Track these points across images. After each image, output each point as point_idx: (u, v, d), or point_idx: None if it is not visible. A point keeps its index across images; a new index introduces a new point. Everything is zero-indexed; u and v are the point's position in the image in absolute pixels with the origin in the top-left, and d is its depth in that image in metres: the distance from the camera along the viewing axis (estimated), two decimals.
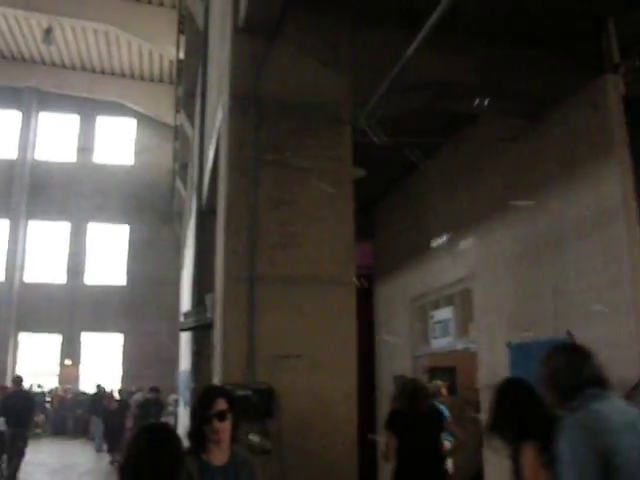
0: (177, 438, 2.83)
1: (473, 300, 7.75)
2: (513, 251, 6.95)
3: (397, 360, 9.77)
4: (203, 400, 3.62)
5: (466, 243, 7.93)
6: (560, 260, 6.18)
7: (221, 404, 3.52)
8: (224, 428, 3.50)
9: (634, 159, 5.57)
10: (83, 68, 24.35)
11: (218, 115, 6.38)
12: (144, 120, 25.67)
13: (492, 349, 7.25)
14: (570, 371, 2.91)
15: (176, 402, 16.93)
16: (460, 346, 8.27)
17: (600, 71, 5.87)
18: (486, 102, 6.48)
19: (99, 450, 16.89)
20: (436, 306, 8.86)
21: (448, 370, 10.89)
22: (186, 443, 3.52)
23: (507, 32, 6.00)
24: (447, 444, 7.96)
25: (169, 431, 2.90)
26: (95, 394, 19.76)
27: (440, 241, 8.61)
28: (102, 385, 20.45)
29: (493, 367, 7.23)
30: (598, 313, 5.64)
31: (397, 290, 10.13)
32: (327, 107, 5.31)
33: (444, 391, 9.17)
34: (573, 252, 6.01)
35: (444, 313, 8.51)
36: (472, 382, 8.35)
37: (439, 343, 8.66)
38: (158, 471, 2.66)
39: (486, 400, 7.40)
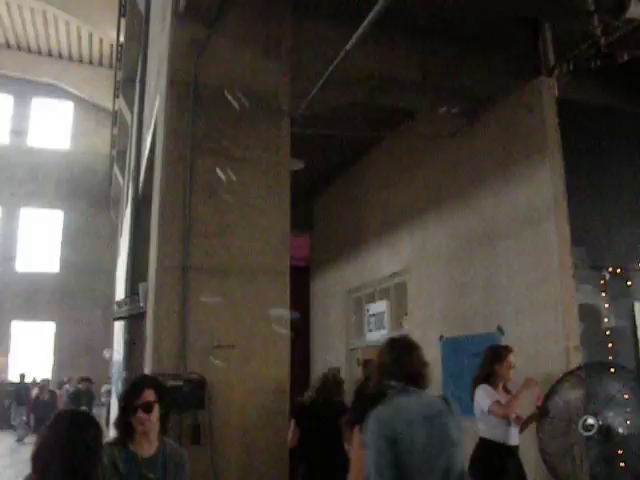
0: (96, 425, 2.78)
1: (407, 294, 7.85)
2: (447, 247, 7.07)
3: (332, 352, 9.83)
4: (130, 390, 3.56)
5: (402, 238, 8.02)
6: (492, 256, 6.31)
7: (148, 395, 3.47)
8: (150, 419, 3.45)
9: (566, 160, 5.71)
10: (18, 47, 23.56)
11: (156, 101, 6.28)
12: (82, 104, 25.04)
13: (425, 343, 7.33)
14: (393, 365, 3.19)
15: (109, 393, 16.67)
16: None
17: (536, 73, 5.99)
18: (425, 99, 6.58)
19: (20, 440, 16.30)
20: (371, 299, 8.94)
21: None
22: (114, 433, 3.48)
23: (448, 32, 6.07)
24: None
25: (88, 418, 2.84)
26: (19, 384, 19.17)
27: (377, 234, 8.69)
28: (26, 375, 19.79)
29: None
30: (527, 309, 5.79)
31: (333, 282, 10.18)
32: (266, 97, 5.27)
33: None
34: (505, 249, 6.15)
35: (379, 306, 8.59)
36: None
37: (374, 336, 8.74)
38: (73, 458, 2.60)
39: None
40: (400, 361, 3.23)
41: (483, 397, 4.91)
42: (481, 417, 4.95)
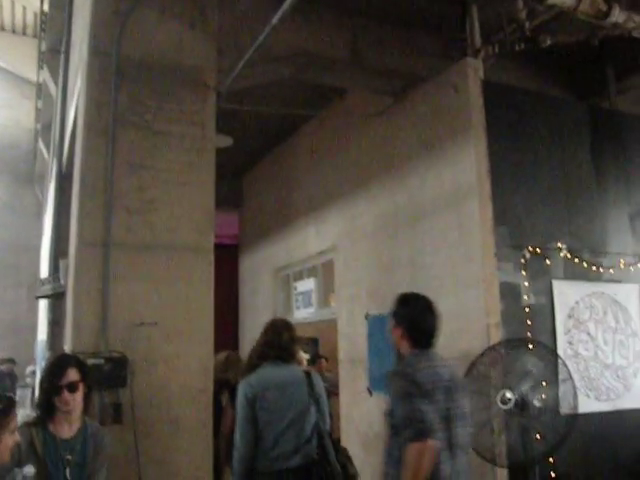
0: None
1: (335, 272, 7.89)
2: (374, 225, 7.12)
3: (260, 331, 9.80)
4: (53, 370, 3.50)
5: (330, 216, 8.05)
6: (418, 235, 6.40)
7: (72, 374, 3.42)
8: (75, 399, 3.40)
9: (489, 141, 5.82)
10: None
11: (79, 73, 6.09)
12: (4, 75, 24.08)
13: (351, 320, 7.43)
14: (270, 343, 4.35)
15: (33, 373, 16.26)
16: (322, 317, 8.42)
17: (462, 54, 6.06)
18: (354, 77, 6.59)
19: None
20: (299, 277, 8.96)
21: (312, 341, 11.09)
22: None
23: (378, 10, 6.09)
24: None
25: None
26: None
27: (305, 212, 8.70)
28: None
29: (352, 338, 7.42)
30: (451, 286, 5.90)
31: (262, 260, 10.15)
32: (191, 71, 5.18)
33: (304, 362, 9.30)
34: (430, 227, 6.24)
35: (307, 284, 8.62)
36: (334, 353, 8.52)
37: (301, 314, 8.77)
38: None
39: (344, 371, 7.62)
40: (271, 344, 4.34)
41: None
42: None
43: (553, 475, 5.48)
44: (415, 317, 3.50)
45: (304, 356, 9.17)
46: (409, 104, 6.65)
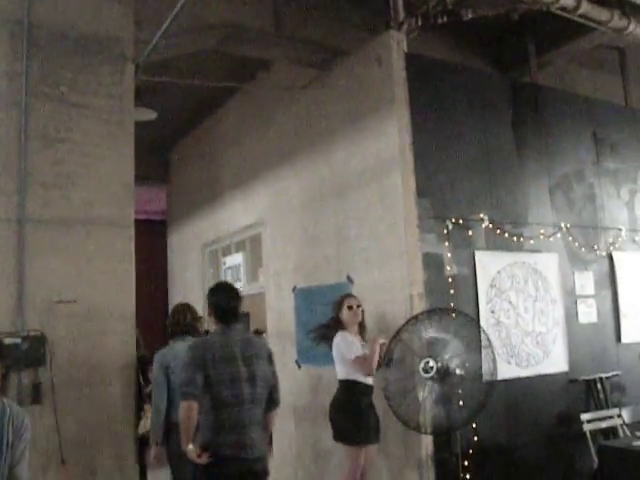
0: None
1: (262, 246, 7.87)
2: (300, 198, 7.12)
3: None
4: None
5: (257, 190, 8.00)
6: (343, 208, 6.43)
7: None
8: None
9: (412, 114, 5.85)
10: None
11: None
12: None
13: (279, 294, 7.43)
14: (176, 320, 5.30)
15: None
16: (250, 291, 8.39)
17: (386, 27, 6.06)
18: (278, 49, 6.52)
19: None
20: (228, 252, 8.90)
21: (242, 315, 11.06)
22: None
23: None
24: None
25: None
26: None
27: (232, 187, 8.63)
28: None
29: (280, 312, 7.43)
30: (375, 258, 5.96)
31: (190, 236, 10.04)
32: (108, 42, 5.03)
33: None
34: (355, 201, 6.27)
35: (235, 259, 8.58)
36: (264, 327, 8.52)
37: None
38: None
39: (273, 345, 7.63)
40: (177, 323, 5.33)
41: (345, 346, 5.24)
42: (341, 361, 5.21)
43: (476, 439, 5.64)
44: (217, 300, 4.19)
45: None
46: (333, 77, 6.63)
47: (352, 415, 5.21)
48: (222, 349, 4.01)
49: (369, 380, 5.30)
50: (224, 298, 4.21)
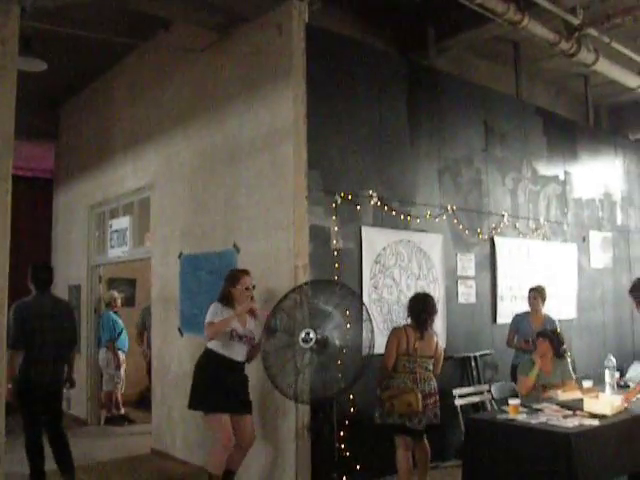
0: None
1: (151, 211, 7.69)
2: (191, 164, 6.99)
3: (74, 269, 9.43)
4: None
5: (148, 153, 7.79)
6: (233, 176, 6.36)
7: None
8: None
9: (308, 85, 5.83)
10: None
11: None
12: None
13: (165, 260, 7.30)
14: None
15: None
16: (136, 256, 8.21)
17: None
18: (178, 8, 6.34)
19: None
20: (115, 215, 8.65)
21: (128, 281, 10.84)
22: None
23: None
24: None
25: None
26: None
27: (124, 148, 8.37)
28: None
29: (165, 278, 7.31)
30: (262, 228, 5.94)
31: (77, 197, 9.67)
32: None
33: (118, 302, 9.09)
34: (245, 169, 6.22)
35: (122, 222, 8.34)
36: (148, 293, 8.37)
37: (115, 252, 8.50)
38: None
39: (157, 311, 7.51)
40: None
41: (210, 313, 5.22)
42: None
43: (352, 410, 5.76)
44: (32, 271, 5.81)
45: (116, 295, 8.98)
46: (232, 42, 6.52)
47: (206, 382, 5.23)
48: (35, 309, 5.70)
49: (236, 355, 5.28)
50: (38, 270, 5.88)
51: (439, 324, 6.61)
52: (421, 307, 5.60)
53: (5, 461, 4.71)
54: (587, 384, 5.66)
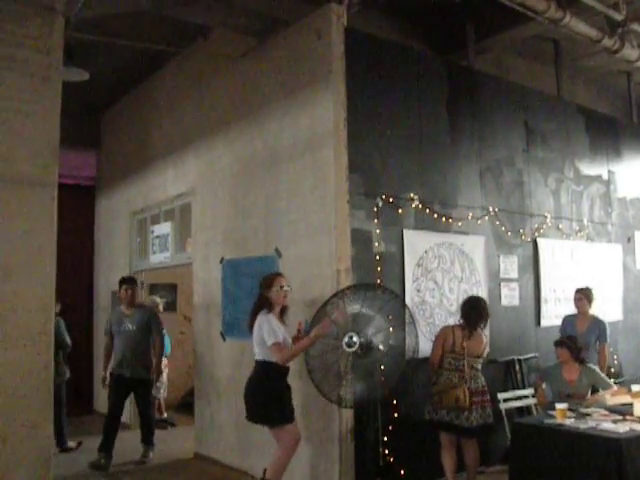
0: None
1: (192, 216, 7.75)
2: (232, 169, 7.02)
3: (116, 275, 9.52)
4: None
5: (188, 159, 7.86)
6: (274, 180, 6.37)
7: None
8: None
9: (348, 89, 5.82)
10: None
11: None
12: None
13: (206, 265, 7.35)
14: None
15: None
16: (178, 262, 8.28)
17: (327, 0, 5.99)
18: (217, 16, 6.38)
19: None
20: (156, 221, 8.73)
21: (169, 287, 10.93)
22: None
23: None
24: None
25: None
26: None
27: (164, 154, 8.46)
28: None
29: (207, 283, 7.35)
30: (304, 232, 5.94)
31: (119, 203, 9.81)
32: None
33: (160, 307, 9.17)
34: (286, 173, 6.22)
35: (163, 228, 8.42)
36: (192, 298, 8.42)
37: (158, 258, 8.58)
38: None
39: (199, 316, 7.57)
40: None
41: (268, 332, 5.04)
42: (260, 343, 5.09)
43: (396, 415, 5.72)
44: None
45: (158, 301, 9.06)
46: (272, 48, 6.54)
47: (272, 399, 5.08)
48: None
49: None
50: None
51: None
52: (470, 307, 5.69)
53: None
54: (636, 388, 5.53)
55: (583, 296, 6.92)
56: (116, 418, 7.12)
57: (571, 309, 7.03)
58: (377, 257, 5.91)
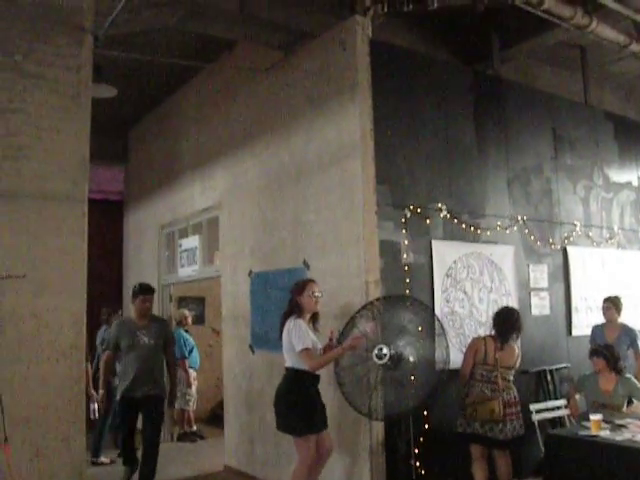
0: None
1: (219, 229, 7.79)
2: (259, 182, 7.05)
3: None
4: None
5: (215, 172, 7.91)
6: (301, 192, 6.39)
7: None
8: None
9: (374, 100, 5.83)
10: None
11: None
12: None
13: (235, 278, 7.37)
14: None
15: None
16: (206, 275, 8.31)
17: (351, 12, 6.01)
18: (242, 30, 6.43)
19: None
20: (184, 234, 8.79)
21: (198, 300, 10.99)
22: None
23: None
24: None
25: None
26: None
27: (191, 168, 8.52)
28: None
29: (236, 296, 7.37)
30: (332, 244, 5.94)
31: (147, 217, 9.89)
32: (67, 11, 4.87)
33: (189, 320, 9.22)
34: (313, 185, 6.23)
35: (191, 242, 8.48)
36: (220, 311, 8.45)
37: (186, 271, 8.63)
38: None
39: (228, 329, 7.59)
40: None
41: (298, 337, 5.02)
42: (290, 350, 5.08)
43: (427, 427, 5.67)
44: None
45: (187, 314, 9.11)
46: (297, 60, 6.57)
47: (298, 407, 5.05)
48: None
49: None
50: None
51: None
52: (503, 319, 5.64)
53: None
54: None
55: (611, 305, 6.83)
56: (131, 437, 6.63)
57: (602, 318, 6.94)
58: (406, 268, 5.88)
